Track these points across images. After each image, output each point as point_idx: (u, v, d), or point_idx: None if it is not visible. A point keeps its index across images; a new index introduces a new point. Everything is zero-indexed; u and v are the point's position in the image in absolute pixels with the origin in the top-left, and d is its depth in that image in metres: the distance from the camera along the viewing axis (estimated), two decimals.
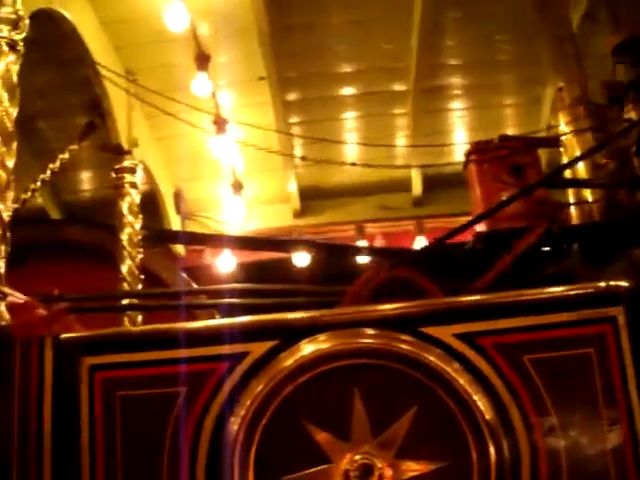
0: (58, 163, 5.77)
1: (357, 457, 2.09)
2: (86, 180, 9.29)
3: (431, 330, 2.17)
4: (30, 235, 5.00)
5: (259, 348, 2.16)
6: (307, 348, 2.18)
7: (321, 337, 2.19)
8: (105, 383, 2.17)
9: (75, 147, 5.90)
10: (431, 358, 2.14)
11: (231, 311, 3.55)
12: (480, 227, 3.28)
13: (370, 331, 2.20)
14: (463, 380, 2.12)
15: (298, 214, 9.88)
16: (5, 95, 2.65)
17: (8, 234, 2.46)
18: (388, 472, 2.08)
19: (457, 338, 2.16)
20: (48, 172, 5.73)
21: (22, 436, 2.17)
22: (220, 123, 7.46)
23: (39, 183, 5.60)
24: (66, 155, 5.82)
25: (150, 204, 7.24)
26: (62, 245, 5.41)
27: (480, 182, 3.40)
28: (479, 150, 3.48)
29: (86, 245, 5.51)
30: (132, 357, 2.19)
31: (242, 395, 2.12)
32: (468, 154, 3.51)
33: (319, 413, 2.13)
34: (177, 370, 2.15)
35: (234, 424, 2.09)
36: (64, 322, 2.91)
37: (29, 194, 5.48)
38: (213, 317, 3.91)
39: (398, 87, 8.72)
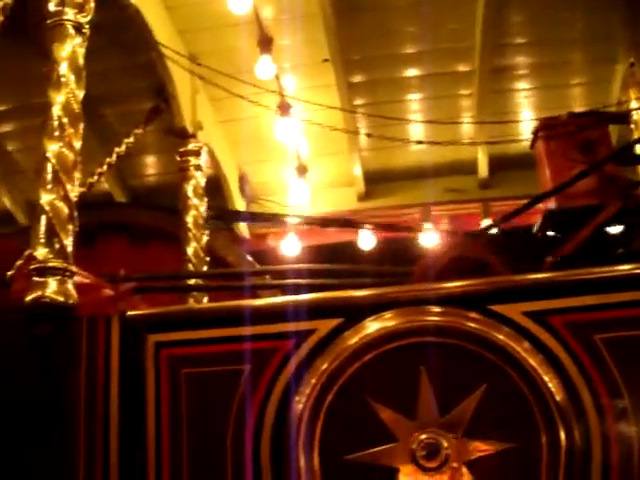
0: (124, 147, 5.84)
1: (423, 436, 2.07)
2: (151, 164, 9.39)
3: (500, 308, 2.13)
4: (97, 218, 5.07)
5: (325, 325, 2.15)
6: (372, 326, 2.16)
7: (387, 315, 2.17)
8: (170, 360, 2.18)
9: (140, 131, 5.96)
10: (500, 336, 2.10)
11: (295, 292, 3.54)
12: (550, 205, 3.21)
13: (437, 309, 2.17)
14: (533, 360, 2.08)
15: (363, 197, 9.85)
16: (72, 77, 2.67)
17: (75, 214, 2.48)
18: (454, 452, 2.06)
19: (527, 316, 2.12)
20: (114, 156, 5.80)
21: (89, 413, 2.20)
22: (284, 106, 7.47)
23: (105, 167, 5.67)
24: (131, 139, 5.88)
25: (215, 188, 7.29)
26: (128, 228, 5.46)
27: (549, 159, 3.33)
28: (548, 126, 3.41)
29: (151, 228, 5.56)
30: (197, 334, 2.19)
31: (307, 373, 2.11)
32: (536, 131, 3.45)
33: (385, 391, 2.11)
34: (242, 348, 2.15)
35: (299, 402, 2.09)
36: (130, 302, 2.93)
37: (95, 178, 5.55)
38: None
39: (463, 67, 8.64)
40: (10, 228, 8.74)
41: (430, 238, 6.96)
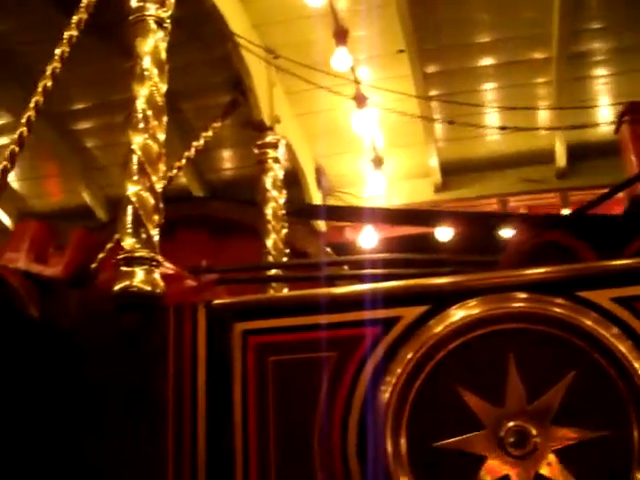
0: (202, 141, 5.89)
1: (511, 424, 2.05)
2: (227, 158, 9.44)
3: (587, 294, 2.11)
4: (178, 211, 5.13)
5: (411, 313, 2.15)
6: (457, 314, 2.15)
7: (471, 302, 2.16)
8: (257, 348, 2.20)
9: (218, 125, 6.00)
10: (588, 322, 2.08)
11: (374, 282, 3.53)
12: (636, 190, 3.14)
13: (522, 295, 2.15)
14: (623, 346, 2.05)
15: (439, 189, 9.77)
16: (155, 71, 2.72)
17: (161, 205, 2.52)
18: (543, 440, 2.04)
19: (615, 302, 2.08)
20: (192, 150, 5.85)
21: (177, 400, 2.23)
22: (360, 98, 7.46)
23: (184, 161, 5.72)
24: (209, 133, 5.92)
25: (292, 181, 7.31)
26: (208, 221, 5.52)
27: (634, 144, 3.26)
28: (634, 110, 3.34)
29: (231, 221, 5.62)
30: (284, 322, 2.21)
31: (394, 360, 2.11)
32: (621, 115, 3.37)
33: (472, 379, 2.10)
34: (329, 335, 2.16)
35: (386, 389, 2.09)
36: (213, 293, 2.96)
37: (175, 172, 5.61)
38: None
39: (540, 55, 8.49)
40: (90, 223, 8.88)
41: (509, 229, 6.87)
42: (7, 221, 9.80)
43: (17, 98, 8.22)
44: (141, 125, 2.58)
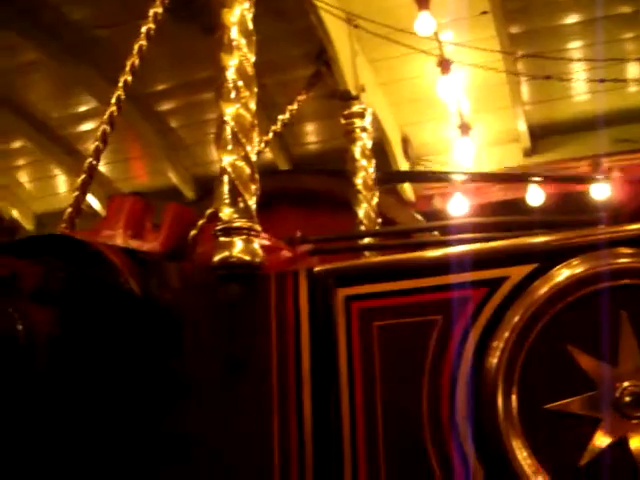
0: (288, 115, 5.89)
1: (626, 384, 1.99)
2: (311, 132, 9.48)
3: None
4: (269, 185, 5.13)
5: (518, 272, 2.09)
6: (563, 273, 2.09)
7: (575, 261, 2.10)
8: (361, 314, 2.17)
9: (303, 97, 5.99)
10: None
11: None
12: None
13: (628, 250, 2.08)
14: None
15: (528, 153, 9.64)
16: (243, 41, 2.70)
17: (256, 175, 2.51)
18: None
19: None
20: (279, 124, 5.86)
21: (281, 370, 2.22)
22: (444, 63, 7.37)
23: (271, 134, 5.74)
24: (295, 106, 5.92)
25: (378, 151, 7.27)
26: (298, 194, 5.52)
27: None
28: None
29: (321, 193, 5.61)
30: (387, 287, 2.17)
31: (502, 321, 2.06)
32: None
33: (583, 338, 2.03)
34: (434, 298, 2.12)
35: (495, 351, 2.05)
36: (308, 263, 2.95)
37: (262, 145, 5.62)
38: None
39: (625, 9, 8.28)
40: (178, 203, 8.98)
41: (603, 190, 6.73)
42: (96, 205, 10.00)
43: (99, 84, 8.41)
44: (232, 95, 2.56)
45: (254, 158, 2.53)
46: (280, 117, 5.84)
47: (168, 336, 2.36)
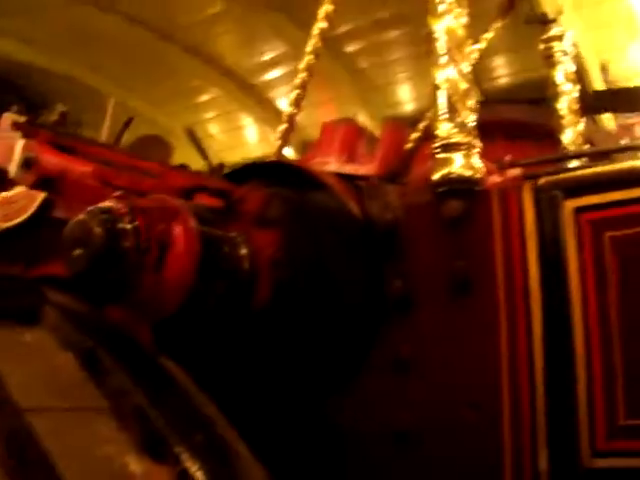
0: (484, 44, 5.75)
1: None
2: (502, 65, 9.25)
3: None
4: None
5: None
6: None
7: None
8: (592, 225, 2.09)
9: (498, 25, 5.82)
10: None
11: None
12: None
13: None
14: None
15: None
16: None
17: (472, 90, 2.47)
18: None
19: None
20: (477, 54, 5.73)
21: (508, 285, 2.18)
22: None
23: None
24: (490, 34, 5.77)
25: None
26: (500, 125, 5.40)
27: None
28: None
29: (523, 123, 5.47)
30: (617, 195, 2.07)
31: None
32: None
33: None
34: None
35: None
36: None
37: None
38: None
39: None
40: None
41: None
42: (290, 152, 10.15)
43: (288, 29, 8.49)
44: (442, 7, 2.52)
45: (469, 73, 2.48)
46: (475, 47, 5.71)
47: (390, 257, 2.36)
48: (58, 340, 1.70)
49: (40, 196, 3.19)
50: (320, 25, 3.61)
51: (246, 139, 12.04)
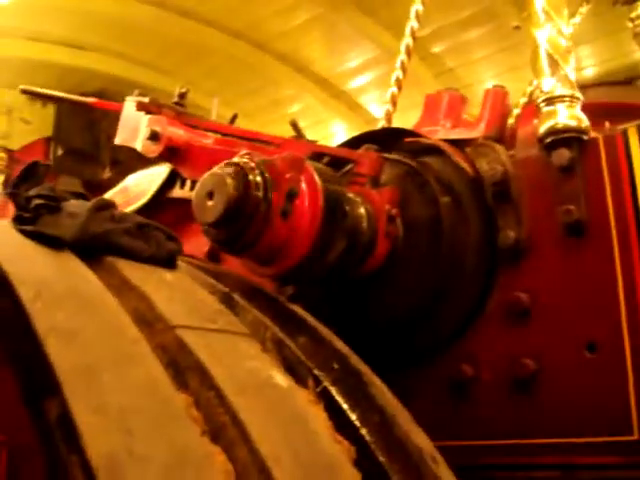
0: (571, 29, 5.70)
1: None
2: (587, 56, 9.11)
3: None
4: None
5: None
6: None
7: None
8: None
9: (585, 10, 5.76)
10: None
11: None
12: None
13: None
14: None
15: None
16: None
17: (571, 48, 2.48)
18: None
19: None
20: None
21: (621, 228, 2.17)
22: None
23: None
24: (577, 19, 5.72)
25: None
26: (590, 108, 5.36)
27: None
28: None
29: (615, 105, 5.41)
30: None
31: None
32: None
33: None
34: None
35: None
36: None
37: None
38: None
39: None
40: None
41: None
42: None
43: (377, 32, 8.54)
44: None
45: (569, 32, 2.49)
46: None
47: (502, 209, 2.38)
48: (196, 282, 1.76)
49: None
50: (411, 24, 3.65)
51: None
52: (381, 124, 3.52)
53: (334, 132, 11.73)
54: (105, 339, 1.24)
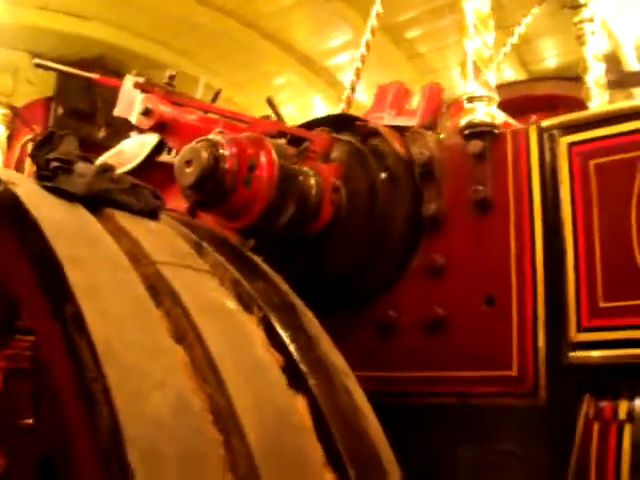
0: (523, 27, 6.07)
1: None
2: (549, 47, 9.43)
3: None
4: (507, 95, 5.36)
5: None
6: None
7: None
8: (580, 155, 2.48)
9: (536, 11, 6.12)
10: None
11: None
12: None
13: None
14: None
15: None
16: None
17: (494, 58, 2.86)
18: None
19: None
20: (516, 37, 6.06)
21: (517, 204, 2.58)
22: None
23: (509, 46, 5.96)
24: (529, 19, 6.08)
25: (611, 58, 7.20)
26: (534, 100, 5.72)
27: None
28: None
29: (555, 97, 5.76)
30: (605, 131, 2.44)
31: None
32: None
33: None
34: None
35: None
36: None
37: (501, 57, 5.86)
38: None
39: None
40: None
41: None
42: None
43: (352, 16, 8.87)
44: None
45: (491, 45, 2.88)
46: (517, 29, 6.04)
47: (427, 186, 2.79)
48: (174, 231, 2.17)
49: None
50: (376, 8, 4.06)
51: (317, 116, 12.37)
52: (341, 107, 3.92)
53: (313, 104, 12.05)
54: (105, 267, 1.66)
